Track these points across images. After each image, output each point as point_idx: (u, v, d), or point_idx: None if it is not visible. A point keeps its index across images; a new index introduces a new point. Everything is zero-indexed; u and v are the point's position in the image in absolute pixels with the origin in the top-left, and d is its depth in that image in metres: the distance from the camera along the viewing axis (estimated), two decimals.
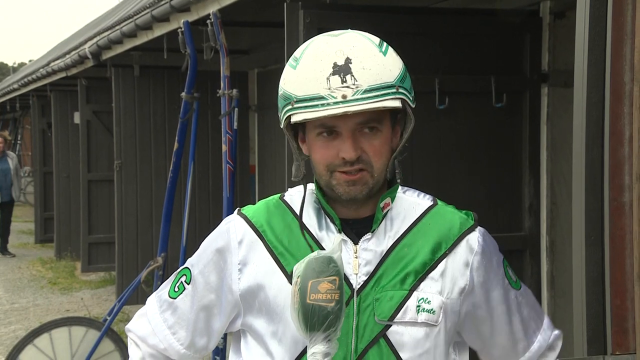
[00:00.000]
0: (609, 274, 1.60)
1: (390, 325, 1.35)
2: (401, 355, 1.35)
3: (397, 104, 1.31)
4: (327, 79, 1.29)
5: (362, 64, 1.30)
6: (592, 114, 1.63)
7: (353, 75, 1.29)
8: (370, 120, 1.32)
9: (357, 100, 1.28)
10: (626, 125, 1.59)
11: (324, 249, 1.35)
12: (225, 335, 1.48)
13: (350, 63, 1.29)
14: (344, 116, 1.30)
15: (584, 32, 1.63)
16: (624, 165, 1.59)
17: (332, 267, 1.26)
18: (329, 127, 1.32)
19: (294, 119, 1.32)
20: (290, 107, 1.32)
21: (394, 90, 1.31)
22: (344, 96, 1.28)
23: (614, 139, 1.60)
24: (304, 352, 1.34)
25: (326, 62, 1.30)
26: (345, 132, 1.32)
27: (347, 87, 1.29)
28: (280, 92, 1.36)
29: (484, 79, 3.50)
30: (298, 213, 1.39)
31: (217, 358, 3.91)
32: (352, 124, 1.32)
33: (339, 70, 1.29)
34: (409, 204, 1.42)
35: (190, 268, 1.47)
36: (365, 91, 1.29)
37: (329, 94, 1.29)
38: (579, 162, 1.66)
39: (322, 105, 1.29)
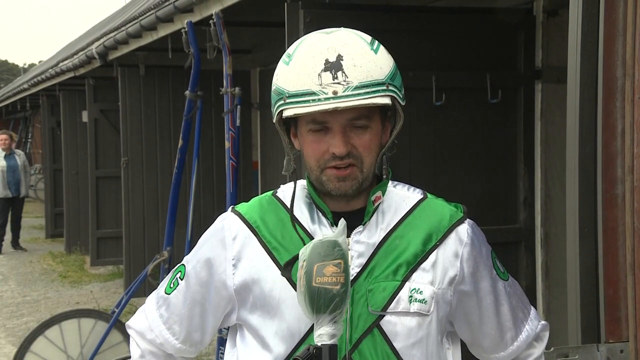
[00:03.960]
0: (602, 265, 1.61)
1: (384, 316, 1.36)
2: (394, 344, 1.37)
3: (386, 100, 1.32)
4: (319, 75, 1.30)
5: (353, 60, 1.30)
6: (585, 108, 1.63)
7: (344, 72, 1.29)
8: (361, 117, 1.33)
9: (347, 96, 1.29)
10: (618, 120, 1.60)
11: None
12: (229, 327, 1.54)
13: (342, 60, 1.30)
14: (335, 112, 1.31)
15: (577, 28, 1.63)
16: (617, 158, 1.60)
17: (337, 251, 1.26)
18: (320, 122, 1.33)
19: (285, 113, 1.33)
20: (282, 102, 1.33)
21: (384, 87, 1.32)
22: (334, 92, 1.29)
23: (607, 132, 1.60)
24: (299, 344, 1.36)
25: (318, 58, 1.31)
26: (336, 127, 1.33)
27: (338, 83, 1.29)
28: (273, 88, 1.37)
29: (479, 75, 3.51)
30: (290, 207, 1.40)
31: (222, 348, 3.98)
32: (343, 119, 1.33)
33: (330, 67, 1.30)
34: (400, 197, 1.43)
35: (185, 264, 1.48)
36: (356, 87, 1.29)
37: (320, 90, 1.29)
38: (572, 156, 1.66)
39: (314, 100, 1.30)
